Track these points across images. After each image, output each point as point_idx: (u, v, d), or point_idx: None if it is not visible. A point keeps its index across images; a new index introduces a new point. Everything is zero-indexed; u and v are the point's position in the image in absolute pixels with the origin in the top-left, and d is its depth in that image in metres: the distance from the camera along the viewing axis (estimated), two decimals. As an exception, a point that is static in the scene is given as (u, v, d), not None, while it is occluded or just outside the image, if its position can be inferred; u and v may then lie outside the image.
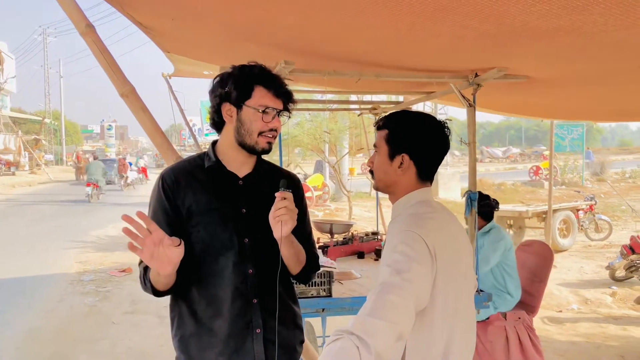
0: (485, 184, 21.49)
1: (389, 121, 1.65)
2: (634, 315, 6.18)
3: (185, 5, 2.37)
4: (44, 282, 7.79)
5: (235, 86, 1.73)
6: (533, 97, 4.18)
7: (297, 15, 2.29)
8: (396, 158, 1.61)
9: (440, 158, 1.63)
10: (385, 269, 1.40)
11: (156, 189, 1.80)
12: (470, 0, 1.79)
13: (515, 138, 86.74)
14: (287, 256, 1.76)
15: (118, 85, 2.26)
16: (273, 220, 1.62)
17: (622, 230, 11.83)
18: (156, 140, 2.31)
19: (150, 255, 1.52)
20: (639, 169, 27.02)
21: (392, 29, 2.32)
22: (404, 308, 1.32)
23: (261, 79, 1.74)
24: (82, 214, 15.48)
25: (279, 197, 1.62)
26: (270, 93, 1.74)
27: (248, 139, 1.75)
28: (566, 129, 22.95)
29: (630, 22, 1.94)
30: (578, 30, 2.09)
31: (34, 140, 33.79)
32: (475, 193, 3.29)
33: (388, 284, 1.34)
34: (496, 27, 2.13)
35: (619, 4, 1.74)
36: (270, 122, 1.74)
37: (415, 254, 1.41)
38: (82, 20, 2.22)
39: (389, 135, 1.63)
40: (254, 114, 1.72)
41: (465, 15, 1.98)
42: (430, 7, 1.90)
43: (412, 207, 1.59)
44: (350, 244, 4.32)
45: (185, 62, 4.10)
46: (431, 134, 1.59)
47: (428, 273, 1.41)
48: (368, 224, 11.85)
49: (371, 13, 2.08)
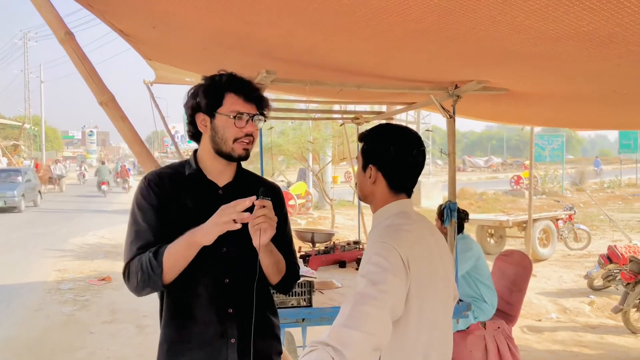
0: (467, 193, 21.68)
1: (365, 134, 1.69)
2: (611, 324, 6.27)
3: (166, 14, 2.37)
4: (21, 291, 7.64)
5: (205, 95, 1.73)
6: (513, 107, 4.25)
7: (279, 28, 2.31)
8: (367, 170, 1.65)
9: (411, 171, 1.63)
10: (361, 279, 1.41)
11: (143, 188, 1.77)
12: (449, 25, 1.83)
13: (497, 148, 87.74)
14: (266, 265, 1.76)
15: (97, 93, 2.25)
16: (252, 228, 1.60)
17: (600, 240, 12.00)
18: (135, 148, 2.30)
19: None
20: (617, 179, 27.53)
21: (373, 44, 2.35)
22: (379, 318, 1.33)
23: (231, 86, 1.74)
24: (61, 222, 15.25)
25: (258, 205, 1.60)
26: (241, 98, 1.73)
27: (224, 146, 1.74)
28: (546, 139, 23.39)
29: (604, 55, 2.01)
30: (554, 58, 2.15)
31: (13, 146, 33.26)
32: (454, 203, 3.32)
33: (363, 294, 1.35)
34: (474, 50, 2.17)
35: (594, 39, 1.79)
36: (245, 127, 1.73)
37: (390, 265, 1.42)
38: (61, 27, 2.21)
39: (362, 147, 1.68)
40: (226, 120, 1.72)
41: (445, 37, 2.01)
42: (410, 29, 1.93)
43: (389, 219, 1.60)
44: (332, 253, 4.32)
45: (167, 70, 4.08)
46: (399, 147, 1.60)
47: (402, 284, 1.43)
48: (351, 232, 11.86)
49: (352, 30, 2.10)
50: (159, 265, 1.63)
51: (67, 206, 19.70)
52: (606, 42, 1.82)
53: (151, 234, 1.71)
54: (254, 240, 1.62)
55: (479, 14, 1.66)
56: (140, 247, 1.70)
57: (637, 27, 1.62)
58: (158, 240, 1.69)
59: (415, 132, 1.68)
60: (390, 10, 1.75)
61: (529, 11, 1.58)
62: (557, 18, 1.61)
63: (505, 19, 1.69)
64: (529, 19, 1.66)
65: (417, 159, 1.62)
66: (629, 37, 1.74)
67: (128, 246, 1.73)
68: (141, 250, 1.69)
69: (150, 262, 1.64)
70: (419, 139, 1.65)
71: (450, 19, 1.77)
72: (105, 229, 13.58)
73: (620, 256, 6.88)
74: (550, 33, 1.77)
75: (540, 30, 1.76)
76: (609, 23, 1.61)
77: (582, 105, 3.93)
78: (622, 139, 25.91)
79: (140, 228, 1.72)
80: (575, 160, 41.95)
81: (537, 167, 23.70)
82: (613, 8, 1.47)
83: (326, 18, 1.99)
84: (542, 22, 1.68)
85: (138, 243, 1.70)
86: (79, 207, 19.23)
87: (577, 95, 3.31)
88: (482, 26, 1.80)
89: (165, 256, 1.63)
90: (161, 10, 2.35)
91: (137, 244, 1.70)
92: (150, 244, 1.69)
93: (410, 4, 1.64)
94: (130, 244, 1.72)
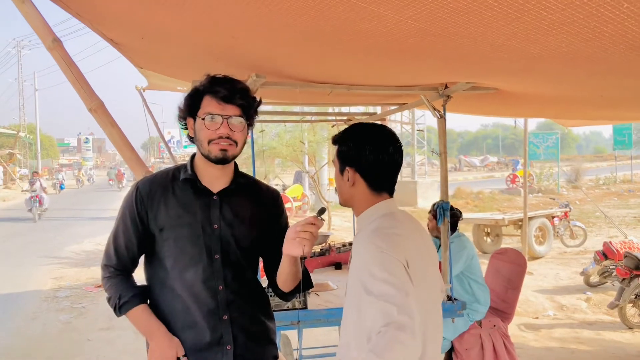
0: (463, 192, 21.71)
1: (339, 137, 1.66)
2: (608, 320, 6.29)
3: (153, 25, 2.37)
4: (17, 300, 7.61)
5: (187, 100, 1.76)
6: (503, 104, 4.28)
7: (266, 42, 2.31)
8: (344, 172, 1.62)
9: (389, 169, 1.60)
10: (381, 304, 1.38)
11: (130, 198, 1.79)
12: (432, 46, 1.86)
13: (492, 147, 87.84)
14: (286, 273, 1.76)
15: (86, 99, 2.25)
16: (293, 235, 1.60)
17: (596, 237, 12.04)
18: (125, 154, 2.30)
19: None
20: (612, 176, 27.60)
21: (361, 54, 2.35)
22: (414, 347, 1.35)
23: (208, 87, 1.74)
24: (57, 229, 15.20)
25: (310, 219, 1.61)
26: (215, 100, 1.71)
27: (202, 149, 1.75)
28: (541, 137, 23.43)
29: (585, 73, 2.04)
30: (538, 71, 2.18)
31: (8, 154, 33.15)
32: (447, 203, 3.33)
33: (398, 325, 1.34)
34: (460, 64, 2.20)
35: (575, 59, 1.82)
36: (218, 129, 1.70)
37: (400, 282, 1.40)
38: (48, 34, 2.21)
39: (337, 150, 1.65)
40: (200, 123, 1.73)
41: (429, 55, 2.04)
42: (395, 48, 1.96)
43: (376, 221, 1.57)
44: (328, 255, 4.33)
45: (158, 77, 4.08)
46: (374, 146, 1.57)
47: (413, 294, 1.42)
48: (348, 234, 11.87)
49: (338, 45, 2.11)
50: (121, 314, 1.79)
51: (65, 214, 19.64)
52: (586, 61, 1.84)
53: (128, 259, 1.82)
54: (287, 247, 1.63)
55: (460, 37, 1.70)
56: (116, 268, 1.81)
57: (615, 49, 1.64)
58: (133, 261, 1.84)
59: (390, 129, 1.67)
60: (372, 32, 1.77)
61: (510, 34, 1.61)
62: (537, 40, 1.65)
63: (486, 39, 1.72)
64: (510, 40, 1.70)
65: (394, 156, 1.59)
66: (609, 57, 1.76)
67: (105, 256, 1.83)
68: (116, 270, 1.81)
69: (115, 307, 1.78)
70: (394, 135, 1.63)
71: (433, 40, 1.80)
72: (101, 236, 13.53)
73: (616, 252, 6.89)
74: (531, 52, 1.81)
75: (521, 50, 1.81)
76: (588, 45, 1.63)
77: (572, 105, 3.95)
78: (617, 135, 25.95)
79: (119, 246, 1.81)
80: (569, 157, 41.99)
81: (532, 165, 23.77)
82: (591, 32, 1.49)
83: (312, 33, 2.00)
84: (523, 43, 1.71)
85: (116, 265, 1.81)
86: (78, 214, 19.16)
87: (565, 96, 3.33)
88: (464, 47, 1.85)
89: (127, 314, 1.78)
90: (148, 22, 2.36)
91: (116, 266, 1.81)
92: (126, 268, 1.83)
93: (391, 27, 1.66)
94: (109, 258, 1.82)
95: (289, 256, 1.67)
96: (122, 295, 1.76)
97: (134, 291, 1.78)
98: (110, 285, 1.79)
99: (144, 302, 1.79)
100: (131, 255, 1.81)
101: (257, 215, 1.87)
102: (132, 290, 1.78)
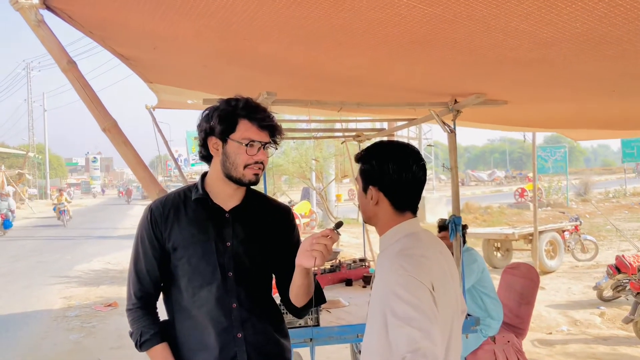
0: (471, 207, 21.60)
1: (362, 155, 1.65)
2: (623, 335, 6.19)
3: (165, 35, 2.40)
4: (27, 320, 7.60)
5: (220, 120, 1.74)
6: (512, 115, 4.28)
7: (277, 45, 2.33)
8: (368, 191, 1.60)
9: (413, 188, 1.58)
10: (402, 327, 1.37)
11: (144, 221, 1.81)
12: (444, 34, 1.85)
13: (500, 161, 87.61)
14: (298, 286, 1.76)
15: (100, 119, 2.28)
16: (308, 246, 1.60)
17: (608, 250, 11.91)
18: (139, 173, 2.31)
19: None
20: (622, 189, 27.39)
21: (370, 58, 2.37)
22: None
23: (245, 112, 1.74)
24: (66, 249, 15.23)
25: (326, 232, 1.61)
26: (255, 126, 1.74)
27: (234, 172, 1.75)
28: (549, 150, 23.35)
29: (598, 56, 2.02)
30: (550, 62, 2.17)
31: (18, 174, 33.41)
32: (459, 217, 3.32)
33: (421, 352, 1.32)
34: (470, 58, 2.19)
35: (588, 41, 1.81)
36: (255, 155, 1.74)
37: (425, 306, 1.39)
38: (63, 57, 2.25)
39: (360, 168, 1.64)
40: (238, 147, 1.73)
41: (440, 47, 2.03)
42: (405, 39, 1.95)
43: (400, 242, 1.55)
44: (338, 272, 4.31)
45: (169, 92, 4.12)
46: (398, 164, 1.55)
47: (437, 319, 1.41)
48: (356, 250, 11.82)
49: (349, 44, 2.13)
50: (142, 351, 1.81)
51: (74, 232, 19.71)
52: (600, 42, 1.83)
53: (150, 283, 1.83)
54: (301, 259, 1.63)
55: (473, 21, 1.67)
56: (139, 297, 1.83)
57: (630, 26, 1.64)
58: (156, 285, 1.85)
59: (413, 147, 1.65)
60: (385, 22, 1.76)
61: (522, 15, 1.59)
62: (550, 20, 1.62)
63: (499, 24, 1.69)
64: (522, 24, 1.67)
65: (418, 174, 1.58)
66: (622, 36, 1.76)
67: (130, 286, 1.85)
68: (140, 301, 1.83)
69: (137, 343, 1.80)
70: (417, 153, 1.61)
71: (445, 28, 1.78)
72: (110, 255, 13.55)
73: (629, 266, 6.80)
74: (544, 37, 1.79)
75: (534, 34, 1.77)
76: (603, 23, 1.62)
77: (582, 107, 3.93)
78: (625, 148, 25.80)
79: (140, 270, 1.82)
80: (578, 171, 41.79)
81: (540, 179, 23.64)
82: (606, 7, 1.48)
83: (323, 33, 2.02)
84: (536, 26, 1.69)
85: (138, 291, 1.83)
86: (86, 233, 19.23)
87: (576, 99, 3.32)
88: (476, 34, 1.81)
89: (148, 351, 1.80)
90: (160, 32, 2.39)
91: (138, 293, 1.83)
92: (149, 294, 1.84)
93: (404, 14, 1.66)
94: (133, 284, 1.84)
95: (301, 267, 1.67)
96: (143, 333, 1.79)
97: (154, 329, 1.80)
98: (133, 319, 1.82)
99: (164, 341, 1.80)
100: (153, 279, 1.82)
101: (269, 232, 1.88)
102: (154, 328, 1.80)
